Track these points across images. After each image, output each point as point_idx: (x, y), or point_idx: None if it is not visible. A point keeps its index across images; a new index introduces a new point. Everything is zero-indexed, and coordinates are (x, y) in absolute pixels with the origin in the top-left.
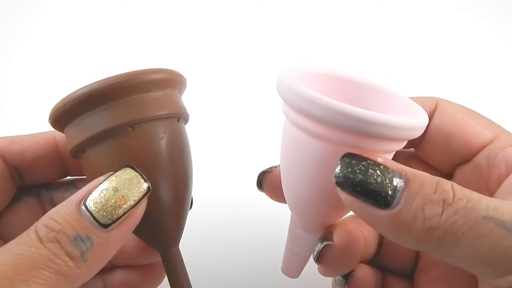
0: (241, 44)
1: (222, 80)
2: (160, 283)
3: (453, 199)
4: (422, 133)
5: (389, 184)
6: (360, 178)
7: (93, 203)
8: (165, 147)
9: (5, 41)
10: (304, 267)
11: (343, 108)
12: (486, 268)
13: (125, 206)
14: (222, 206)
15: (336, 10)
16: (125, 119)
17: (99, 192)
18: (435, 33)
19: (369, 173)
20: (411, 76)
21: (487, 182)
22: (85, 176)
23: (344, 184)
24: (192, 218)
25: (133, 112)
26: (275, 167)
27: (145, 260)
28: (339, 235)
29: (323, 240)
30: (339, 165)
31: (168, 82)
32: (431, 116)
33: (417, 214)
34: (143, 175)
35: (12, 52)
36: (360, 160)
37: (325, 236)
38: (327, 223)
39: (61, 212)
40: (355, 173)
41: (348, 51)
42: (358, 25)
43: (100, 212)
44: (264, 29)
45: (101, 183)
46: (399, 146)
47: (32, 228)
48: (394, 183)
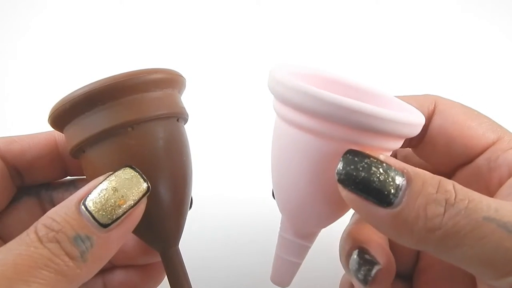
0: (240, 44)
1: (222, 80)
2: (160, 283)
3: (455, 199)
4: (419, 131)
5: (391, 183)
6: (363, 175)
7: (93, 203)
8: (164, 147)
9: (5, 41)
10: (295, 274)
11: (346, 102)
12: (486, 269)
13: (124, 206)
14: (222, 206)
15: (336, 10)
16: (124, 119)
17: (99, 192)
18: (433, 31)
19: (372, 171)
20: (410, 76)
21: (487, 184)
22: (84, 176)
23: (346, 182)
24: (191, 218)
25: (133, 112)
26: None
27: (145, 260)
28: (383, 257)
29: (368, 263)
30: (342, 162)
31: (168, 82)
32: (430, 116)
33: (419, 214)
34: (143, 175)
35: (11, 52)
36: (363, 157)
37: (364, 258)
38: (320, 228)
39: (61, 212)
40: (358, 171)
41: (347, 51)
42: (357, 25)
43: (100, 212)
44: (263, 29)
45: (100, 183)
46: (397, 144)
47: (31, 228)
48: (397, 181)
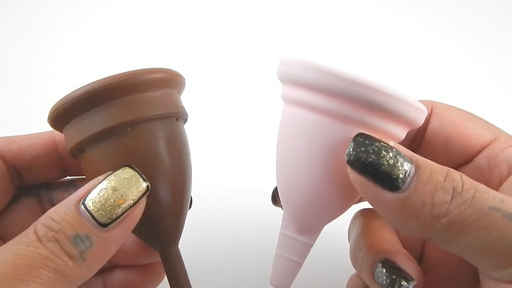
0: (240, 44)
1: (221, 79)
2: (160, 282)
3: (462, 188)
4: (423, 120)
5: (400, 168)
6: (372, 158)
7: (92, 202)
8: (164, 147)
9: (4, 41)
10: (295, 276)
11: (360, 78)
12: (490, 259)
13: (124, 205)
14: (222, 205)
15: (336, 11)
16: (124, 118)
17: (98, 192)
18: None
19: (381, 154)
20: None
21: (488, 183)
22: (84, 176)
23: (355, 163)
24: (191, 218)
25: (132, 111)
26: None
27: (144, 260)
28: (415, 271)
29: (402, 278)
30: (352, 143)
31: (167, 82)
32: (428, 119)
33: (426, 200)
34: (142, 175)
35: (11, 52)
36: (373, 140)
37: (396, 272)
38: (325, 222)
39: (60, 211)
40: (368, 153)
41: (346, 51)
42: (357, 25)
43: (99, 212)
44: (263, 29)
45: (100, 182)
46: (402, 132)
47: (31, 227)
48: (405, 167)
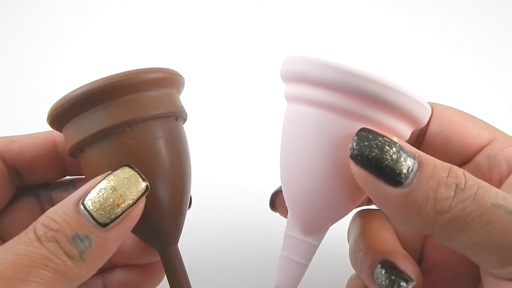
0: (240, 44)
1: (221, 79)
2: (160, 282)
3: (465, 184)
4: (427, 119)
5: (403, 163)
6: (376, 152)
7: (91, 202)
8: (163, 146)
9: (4, 42)
10: (301, 278)
11: (365, 72)
12: (491, 255)
13: (123, 205)
14: (221, 205)
15: (336, 11)
16: (123, 118)
17: (97, 191)
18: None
19: (385, 149)
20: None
21: (488, 182)
22: (84, 176)
23: (358, 157)
24: (191, 217)
25: (131, 111)
26: None
27: (144, 260)
28: (414, 272)
29: (401, 279)
30: (355, 138)
31: (166, 81)
32: (428, 121)
33: (429, 196)
34: (141, 174)
35: (11, 52)
36: (376, 135)
37: (395, 272)
38: (331, 221)
39: (60, 211)
40: (371, 148)
41: (346, 51)
42: (357, 25)
43: (99, 211)
44: (264, 29)
45: (99, 182)
46: (407, 131)
47: (30, 227)
48: (408, 162)
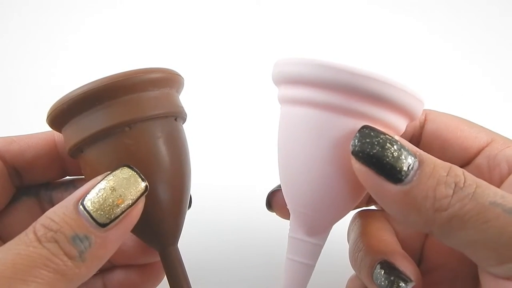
0: (240, 44)
1: (221, 79)
2: (160, 282)
3: (464, 183)
4: (421, 112)
5: (404, 161)
6: (377, 149)
7: (91, 202)
8: (162, 146)
9: (4, 42)
10: (309, 279)
11: (360, 70)
12: (490, 253)
13: (122, 205)
14: (221, 205)
15: (335, 11)
16: (122, 118)
17: (97, 192)
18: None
19: (386, 147)
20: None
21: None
22: (84, 176)
23: (360, 154)
24: (190, 217)
25: (130, 111)
26: None
27: (144, 260)
28: (413, 273)
29: (400, 279)
30: (357, 135)
31: (165, 81)
32: (422, 126)
33: (428, 194)
34: (141, 174)
35: (11, 52)
36: (378, 133)
37: (394, 273)
38: (333, 220)
39: (59, 212)
40: (372, 145)
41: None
42: (357, 26)
43: (98, 212)
44: (264, 29)
45: (98, 182)
46: (403, 125)
47: (30, 228)
48: (409, 160)
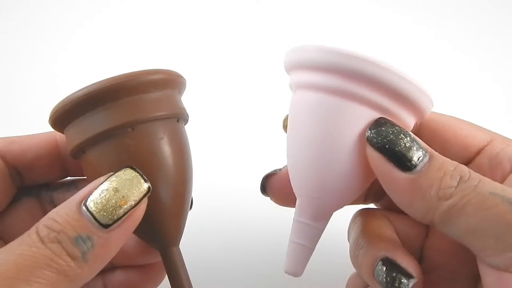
0: (241, 45)
1: (222, 80)
2: (160, 283)
3: (468, 177)
4: (429, 112)
5: (415, 152)
6: (391, 137)
7: (94, 203)
8: (164, 147)
9: (6, 42)
10: (307, 263)
11: (379, 61)
12: (488, 242)
13: (125, 206)
14: (223, 206)
15: (335, 11)
16: (124, 119)
17: (100, 193)
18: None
19: (400, 137)
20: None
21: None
22: (85, 177)
23: (374, 140)
24: (192, 218)
25: (133, 112)
26: (279, 170)
27: (145, 260)
28: (415, 269)
29: (402, 275)
30: (373, 124)
31: (167, 83)
32: (419, 126)
33: (434, 183)
34: (143, 176)
35: (12, 53)
36: (393, 124)
37: (396, 269)
38: (337, 207)
39: (62, 212)
40: (387, 133)
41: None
42: (359, 25)
43: (101, 213)
44: (264, 29)
45: (101, 183)
46: (412, 122)
47: (33, 228)
48: (420, 153)
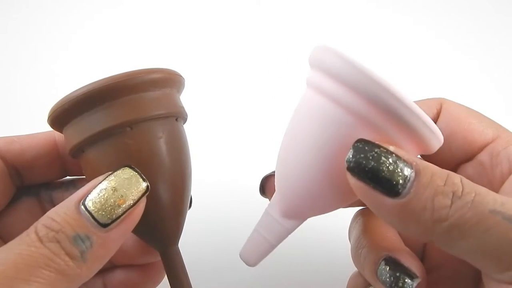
0: (240, 44)
1: (221, 79)
2: (160, 282)
3: (462, 192)
4: (435, 150)
5: (400, 173)
6: (372, 164)
7: (92, 202)
8: (163, 147)
9: (5, 42)
10: (265, 257)
11: (397, 90)
12: (491, 261)
13: (124, 205)
14: (222, 205)
15: (336, 11)
16: (123, 118)
17: (98, 192)
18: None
19: (381, 161)
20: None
21: (490, 180)
22: (84, 176)
23: (355, 169)
24: (191, 217)
25: (131, 111)
26: None
27: (144, 260)
28: (419, 268)
29: (406, 276)
30: (352, 150)
31: (166, 82)
32: (437, 115)
33: (427, 205)
34: (142, 175)
35: (12, 52)
36: (373, 146)
37: (400, 269)
38: (310, 213)
39: (61, 212)
40: (367, 159)
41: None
42: (359, 25)
43: (99, 212)
44: (264, 29)
45: (100, 183)
46: (413, 153)
47: (32, 228)
48: (405, 172)
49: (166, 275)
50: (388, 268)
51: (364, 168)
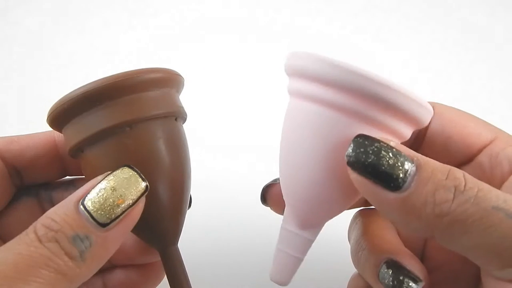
0: (240, 44)
1: (221, 79)
2: (160, 282)
3: (464, 187)
4: (428, 121)
5: (400, 167)
6: (372, 159)
7: (91, 202)
8: (162, 146)
9: (4, 42)
10: (295, 272)
11: (370, 73)
12: (493, 258)
13: (123, 205)
14: (221, 205)
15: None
16: (122, 118)
17: (97, 192)
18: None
19: (381, 155)
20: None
21: (489, 182)
22: (84, 176)
23: (355, 164)
24: (190, 217)
25: (131, 111)
26: (279, 180)
27: (144, 259)
28: (422, 272)
29: (409, 279)
30: (352, 145)
31: (165, 81)
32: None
33: (428, 199)
34: (141, 174)
35: (11, 52)
36: (373, 141)
37: (402, 272)
38: (327, 217)
39: (60, 212)
40: (367, 154)
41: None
42: (359, 25)
43: (98, 212)
44: (263, 29)
45: (99, 182)
46: (407, 132)
47: (31, 228)
48: (406, 166)
49: (165, 275)
50: (390, 272)
51: (364, 163)
